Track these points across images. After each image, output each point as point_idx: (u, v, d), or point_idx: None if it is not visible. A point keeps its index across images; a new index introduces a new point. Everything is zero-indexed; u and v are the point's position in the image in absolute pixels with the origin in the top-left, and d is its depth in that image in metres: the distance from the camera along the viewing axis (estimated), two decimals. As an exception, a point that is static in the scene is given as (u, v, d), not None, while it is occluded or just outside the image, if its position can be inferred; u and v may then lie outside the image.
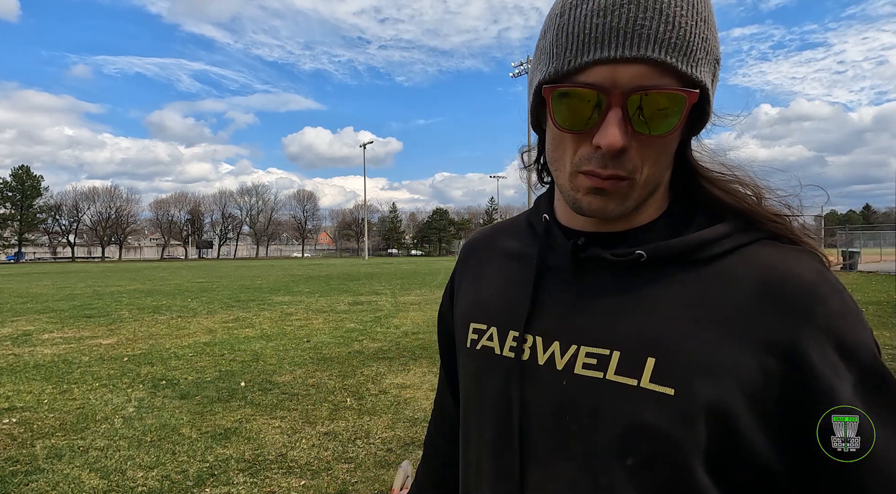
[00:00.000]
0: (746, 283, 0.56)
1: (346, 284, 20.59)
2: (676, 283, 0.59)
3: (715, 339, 0.54)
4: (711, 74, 0.57)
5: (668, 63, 0.52)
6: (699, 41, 0.54)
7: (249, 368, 6.55)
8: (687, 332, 0.56)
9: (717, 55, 0.58)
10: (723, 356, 0.54)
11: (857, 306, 0.55)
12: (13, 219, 79.38)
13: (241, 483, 3.45)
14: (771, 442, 0.53)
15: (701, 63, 0.55)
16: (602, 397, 0.58)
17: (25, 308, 13.41)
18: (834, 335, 0.52)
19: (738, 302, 0.55)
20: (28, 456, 3.90)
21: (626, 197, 0.58)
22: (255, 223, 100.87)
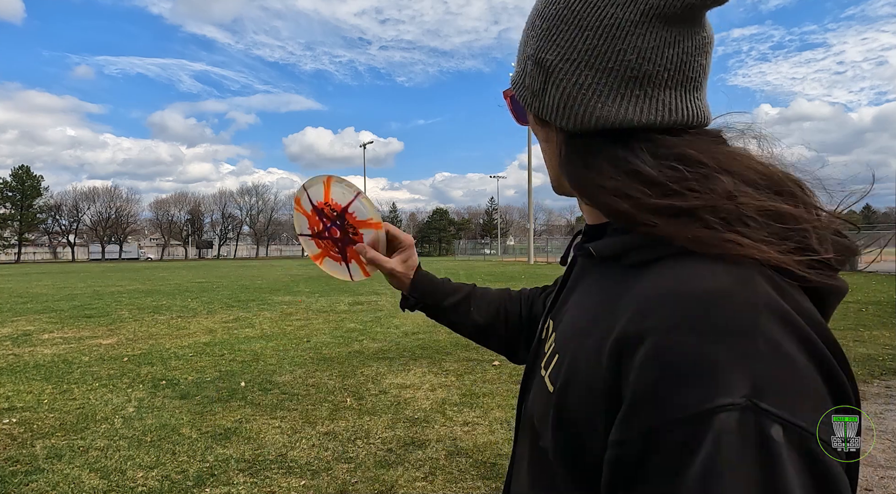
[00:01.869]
0: (631, 294, 0.49)
1: (347, 284, 20.58)
2: (606, 284, 0.56)
3: (596, 348, 0.50)
4: (522, 70, 0.63)
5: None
6: (520, 49, 0.64)
7: (249, 368, 6.55)
8: (578, 335, 0.54)
9: (527, 52, 0.62)
10: (594, 368, 0.49)
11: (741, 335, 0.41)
12: (13, 219, 79.36)
13: (241, 483, 3.45)
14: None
15: (519, 62, 0.65)
16: (537, 382, 0.62)
17: (25, 308, 13.41)
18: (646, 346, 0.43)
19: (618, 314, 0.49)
20: (28, 456, 3.90)
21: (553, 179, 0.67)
22: (255, 223, 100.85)
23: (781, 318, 0.43)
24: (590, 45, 0.55)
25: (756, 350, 0.40)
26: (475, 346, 7.63)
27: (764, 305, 0.43)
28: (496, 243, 77.34)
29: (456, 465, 3.68)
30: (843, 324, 9.27)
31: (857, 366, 6.20)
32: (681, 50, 0.54)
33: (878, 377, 5.74)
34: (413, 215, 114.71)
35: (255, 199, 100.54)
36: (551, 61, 0.58)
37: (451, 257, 73.19)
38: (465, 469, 3.62)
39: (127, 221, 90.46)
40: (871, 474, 3.49)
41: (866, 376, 5.81)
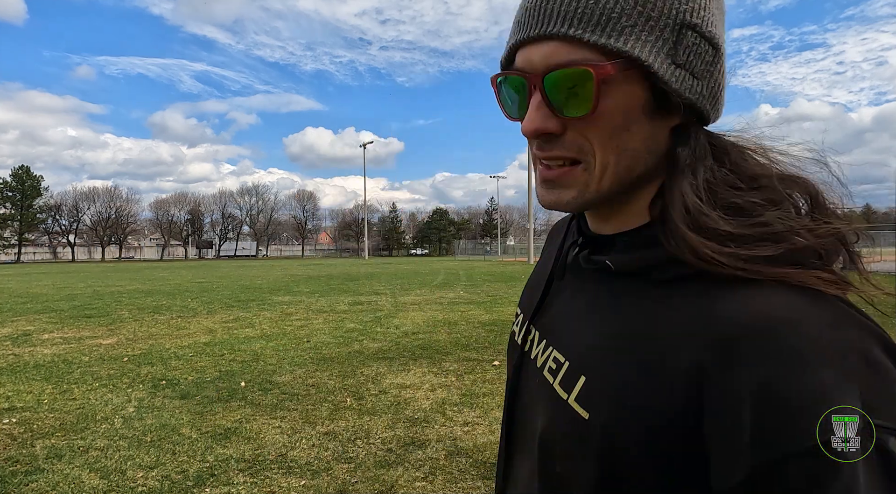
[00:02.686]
0: (675, 318, 0.48)
1: (346, 284, 20.59)
2: (630, 301, 0.52)
3: (631, 372, 0.48)
4: (665, 41, 0.48)
5: (572, 36, 0.47)
6: (624, 6, 0.47)
7: (249, 368, 6.55)
8: (614, 357, 0.50)
9: (683, 19, 0.49)
10: (634, 392, 0.47)
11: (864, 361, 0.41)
12: (13, 219, 79.36)
13: (241, 483, 3.45)
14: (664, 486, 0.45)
15: (629, 31, 0.47)
16: (547, 403, 0.56)
17: (25, 308, 13.41)
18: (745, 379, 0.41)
19: (660, 337, 0.47)
20: (28, 456, 3.90)
21: (585, 186, 0.52)
22: (255, 223, 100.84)
23: (873, 335, 0.43)
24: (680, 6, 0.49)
25: (860, 370, 0.41)
26: (475, 346, 7.63)
27: (857, 326, 0.43)
28: (496, 243, 77.36)
29: (456, 465, 3.68)
30: (843, 324, 9.28)
31: (857, 366, 6.20)
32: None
33: (878, 377, 5.74)
34: (413, 215, 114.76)
35: (255, 199, 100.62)
36: (719, 39, 0.51)
37: (452, 257, 73.23)
38: (465, 469, 3.62)
39: (127, 221, 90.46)
40: (872, 474, 3.48)
41: (866, 376, 5.81)
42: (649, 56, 0.48)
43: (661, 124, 0.52)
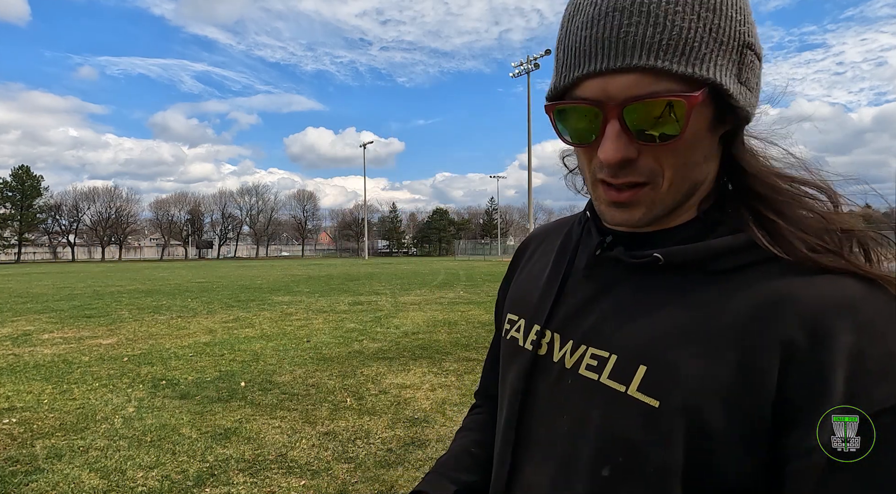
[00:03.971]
0: (746, 302, 0.52)
1: (346, 284, 20.59)
2: (687, 291, 0.56)
3: (705, 355, 0.52)
4: (734, 62, 0.52)
5: (659, 68, 0.49)
6: (702, 35, 0.50)
7: (249, 368, 6.55)
8: (681, 344, 0.53)
9: (744, 40, 0.52)
10: (712, 374, 0.51)
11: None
12: (13, 219, 79.34)
13: (241, 483, 3.45)
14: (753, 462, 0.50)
15: (708, 58, 0.50)
16: (593, 399, 0.58)
17: (25, 308, 13.41)
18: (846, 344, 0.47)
19: (734, 321, 0.52)
20: (28, 456, 3.90)
21: (653, 204, 0.56)
22: (255, 223, 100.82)
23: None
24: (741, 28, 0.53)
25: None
26: (475, 346, 7.63)
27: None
28: (496, 243, 77.35)
29: (456, 465, 3.68)
30: (843, 324, 9.27)
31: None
32: None
33: (878, 378, 5.74)
34: (413, 215, 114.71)
35: (255, 199, 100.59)
36: (759, 48, 0.55)
37: (452, 257, 73.21)
38: (465, 469, 3.61)
39: (127, 221, 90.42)
40: (872, 474, 3.48)
41: (866, 376, 5.81)
42: (726, 79, 0.51)
43: (716, 135, 0.56)
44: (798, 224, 0.54)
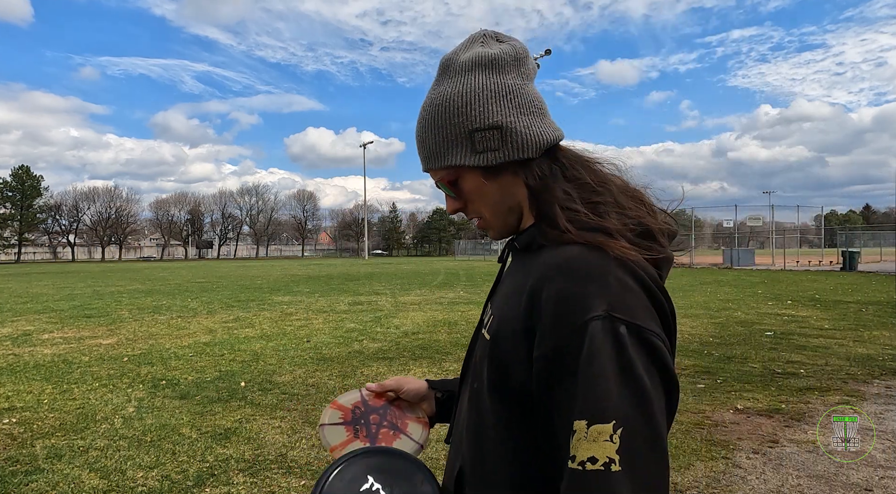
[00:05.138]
0: (535, 268, 0.76)
1: (346, 284, 20.58)
2: (524, 264, 0.81)
3: (516, 303, 0.74)
4: (466, 145, 0.80)
5: (432, 168, 0.86)
6: (439, 144, 0.82)
7: (249, 368, 6.55)
8: (510, 297, 0.78)
9: (470, 129, 0.80)
10: (514, 314, 0.74)
11: (600, 280, 0.68)
12: (13, 219, 79.31)
13: (241, 483, 3.45)
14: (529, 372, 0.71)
15: (447, 154, 0.82)
16: (479, 342, 0.86)
17: (25, 308, 13.41)
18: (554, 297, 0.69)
19: (528, 279, 0.74)
20: (28, 456, 3.90)
21: (492, 227, 0.88)
22: (255, 223, 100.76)
23: (623, 265, 0.70)
24: (520, 101, 0.81)
25: (609, 284, 0.68)
26: (475, 346, 7.63)
27: (613, 260, 0.70)
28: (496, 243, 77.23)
29: (456, 465, 3.68)
30: (843, 324, 9.27)
31: (857, 366, 6.20)
32: (539, 94, 0.85)
33: (878, 377, 5.74)
34: (413, 215, 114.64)
35: (255, 199, 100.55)
36: (500, 120, 0.80)
37: (452, 256, 73.18)
38: (465, 469, 3.61)
39: (127, 221, 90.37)
40: (871, 474, 3.48)
41: (866, 376, 5.81)
42: (462, 159, 0.81)
43: (504, 179, 0.82)
44: (558, 221, 0.76)
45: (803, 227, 52.41)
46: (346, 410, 1.02)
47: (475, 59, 0.81)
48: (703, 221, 69.48)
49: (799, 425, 4.37)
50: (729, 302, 12.92)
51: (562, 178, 0.80)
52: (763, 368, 6.22)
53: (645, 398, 0.62)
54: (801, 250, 39.71)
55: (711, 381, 5.69)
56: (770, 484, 3.37)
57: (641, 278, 0.69)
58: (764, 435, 4.16)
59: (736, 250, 32.70)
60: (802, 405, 4.84)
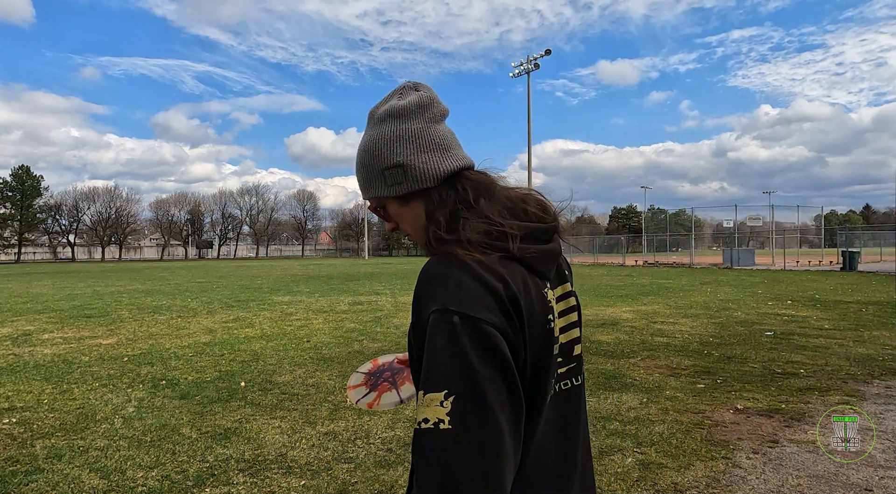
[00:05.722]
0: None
1: (346, 284, 20.58)
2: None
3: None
4: (381, 180, 0.98)
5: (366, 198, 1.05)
6: (363, 180, 1.01)
7: (249, 368, 6.55)
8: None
9: (382, 168, 0.98)
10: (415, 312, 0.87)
11: (441, 282, 0.83)
12: (13, 219, 79.30)
13: (241, 483, 3.45)
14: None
15: (370, 188, 1.01)
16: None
17: (25, 308, 13.41)
18: (415, 298, 0.87)
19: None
20: (28, 456, 3.90)
21: (417, 242, 1.02)
22: (255, 223, 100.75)
23: (464, 268, 0.83)
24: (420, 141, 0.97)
25: (447, 285, 0.82)
26: (475, 346, 7.63)
27: (455, 265, 0.83)
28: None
29: (456, 465, 3.68)
30: (843, 324, 9.27)
31: (857, 366, 6.20)
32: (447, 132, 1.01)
33: (878, 377, 5.74)
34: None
35: (255, 199, 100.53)
36: (402, 159, 0.96)
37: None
38: (465, 469, 3.61)
39: (127, 221, 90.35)
40: (871, 474, 3.48)
41: (866, 376, 5.81)
42: (380, 191, 1.00)
43: (414, 204, 0.99)
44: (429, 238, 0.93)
45: (803, 227, 52.43)
46: (376, 365, 1.36)
47: (387, 111, 0.99)
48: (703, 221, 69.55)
49: (799, 425, 4.38)
50: (729, 302, 12.92)
51: (453, 201, 0.95)
52: (763, 368, 6.22)
53: (472, 372, 0.76)
54: (801, 250, 39.72)
55: (711, 381, 5.69)
56: (770, 484, 3.37)
57: (479, 276, 0.82)
58: (764, 435, 4.16)
59: (736, 250, 32.71)
60: (802, 405, 4.84)
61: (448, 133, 1.00)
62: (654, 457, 3.75)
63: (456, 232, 0.89)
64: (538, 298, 0.87)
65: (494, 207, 0.93)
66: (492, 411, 0.75)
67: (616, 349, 7.37)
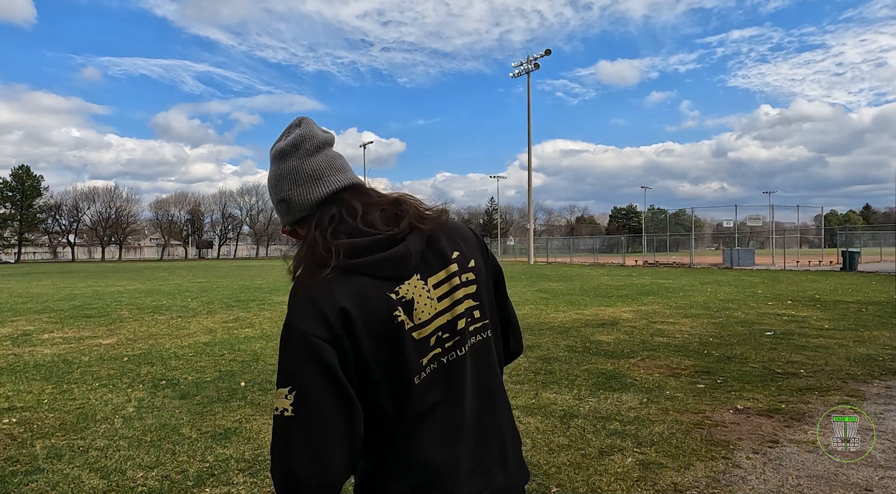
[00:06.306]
0: None
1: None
2: None
3: None
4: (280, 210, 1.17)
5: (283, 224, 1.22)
6: (276, 209, 1.18)
7: (249, 368, 6.55)
8: None
9: (276, 200, 1.16)
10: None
11: (291, 301, 1.05)
12: (13, 219, 79.30)
13: (241, 483, 3.45)
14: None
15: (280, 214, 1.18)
16: None
17: (25, 308, 13.41)
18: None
19: None
20: (28, 456, 3.90)
21: None
22: (255, 223, 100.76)
23: (299, 294, 1.04)
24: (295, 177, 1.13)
25: (293, 302, 1.04)
26: (475, 346, 7.63)
27: (296, 292, 1.04)
28: (496, 242, 77.29)
29: (456, 465, 3.68)
30: (843, 324, 9.27)
31: (857, 366, 6.20)
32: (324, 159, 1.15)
33: (878, 377, 5.74)
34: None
35: (255, 199, 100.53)
36: (285, 194, 1.14)
37: (451, 257, 73.07)
38: (465, 469, 3.61)
39: (127, 221, 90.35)
40: (871, 474, 3.48)
41: (866, 376, 5.81)
42: (282, 220, 1.18)
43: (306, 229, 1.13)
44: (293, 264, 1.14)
45: (803, 227, 52.42)
46: None
47: (273, 154, 1.16)
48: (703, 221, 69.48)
49: (799, 425, 4.37)
50: (729, 302, 12.92)
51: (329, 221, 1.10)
52: (763, 368, 6.22)
53: (295, 371, 1.00)
54: (801, 250, 39.71)
55: (711, 381, 5.69)
56: (770, 484, 3.37)
57: (310, 295, 1.02)
58: (764, 435, 4.16)
59: (736, 250, 32.70)
60: (802, 405, 4.84)
61: (323, 162, 1.13)
62: (654, 457, 3.75)
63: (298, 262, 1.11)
64: (378, 301, 1.03)
65: (341, 228, 1.08)
66: (319, 404, 0.98)
67: (616, 349, 7.37)
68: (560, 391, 5.39)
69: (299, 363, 0.99)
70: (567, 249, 50.84)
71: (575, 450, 3.88)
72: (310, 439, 0.98)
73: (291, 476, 0.98)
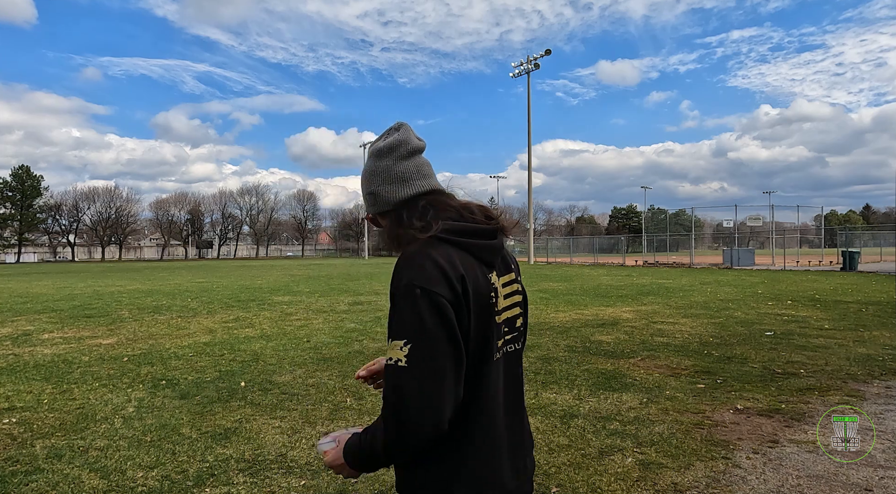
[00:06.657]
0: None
1: (346, 284, 20.58)
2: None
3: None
4: (368, 201, 1.34)
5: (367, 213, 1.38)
6: (366, 198, 1.35)
7: (249, 368, 6.55)
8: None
9: (366, 193, 1.33)
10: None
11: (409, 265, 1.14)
12: (13, 219, 79.29)
13: (241, 483, 3.45)
14: None
15: (365, 205, 1.35)
16: None
17: (25, 308, 13.41)
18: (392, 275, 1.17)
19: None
20: (28, 456, 3.90)
21: (385, 246, 1.37)
22: (255, 223, 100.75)
23: (425, 255, 1.14)
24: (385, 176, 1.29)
25: (414, 266, 1.13)
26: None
27: (420, 253, 1.15)
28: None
29: (456, 465, 3.68)
30: (843, 324, 9.27)
31: (857, 366, 6.21)
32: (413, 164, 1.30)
33: (878, 377, 5.74)
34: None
35: (255, 199, 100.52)
36: (374, 189, 1.31)
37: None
38: (465, 469, 3.61)
39: (127, 221, 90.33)
40: (871, 474, 3.48)
41: (866, 376, 5.81)
42: (367, 209, 1.36)
43: (387, 219, 1.32)
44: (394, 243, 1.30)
45: (803, 227, 52.41)
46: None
47: (371, 151, 1.33)
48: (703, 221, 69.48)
49: (799, 425, 4.37)
50: (729, 302, 12.92)
51: (406, 218, 1.27)
52: (763, 368, 6.22)
53: (424, 327, 1.08)
54: (801, 250, 39.68)
55: (711, 381, 5.69)
56: (770, 484, 3.37)
57: (435, 260, 1.13)
58: (764, 435, 4.16)
59: (736, 250, 32.70)
60: (802, 405, 4.84)
61: (412, 167, 1.29)
62: (654, 457, 3.75)
63: (420, 232, 1.22)
64: (483, 279, 1.19)
65: (440, 216, 1.23)
66: (436, 357, 1.08)
67: (616, 349, 7.37)
68: (560, 391, 5.39)
69: (424, 318, 1.08)
70: (567, 249, 50.82)
71: (575, 450, 3.88)
72: (424, 387, 1.08)
73: (404, 421, 1.08)
